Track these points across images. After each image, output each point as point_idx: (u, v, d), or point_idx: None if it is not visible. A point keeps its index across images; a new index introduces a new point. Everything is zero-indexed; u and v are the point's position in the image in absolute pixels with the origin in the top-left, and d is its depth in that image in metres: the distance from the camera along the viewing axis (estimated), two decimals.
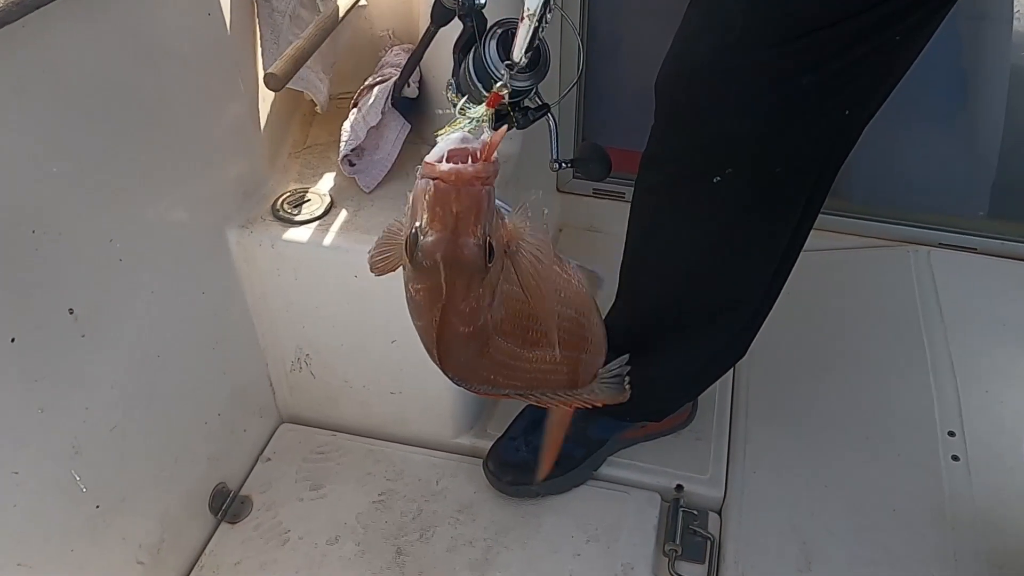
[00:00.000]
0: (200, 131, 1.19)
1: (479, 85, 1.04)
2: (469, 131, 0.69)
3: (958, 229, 1.71)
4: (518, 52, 0.72)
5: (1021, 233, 1.69)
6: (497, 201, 0.71)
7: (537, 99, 1.08)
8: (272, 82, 0.96)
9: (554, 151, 1.12)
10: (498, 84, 0.71)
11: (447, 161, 0.65)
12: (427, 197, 0.64)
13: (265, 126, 1.33)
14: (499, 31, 1.03)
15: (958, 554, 1.25)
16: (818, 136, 0.97)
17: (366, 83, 1.37)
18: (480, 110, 0.68)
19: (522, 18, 0.71)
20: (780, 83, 0.91)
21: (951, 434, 1.40)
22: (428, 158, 0.65)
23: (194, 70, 1.16)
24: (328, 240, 1.25)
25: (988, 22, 1.59)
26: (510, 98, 1.07)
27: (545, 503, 1.32)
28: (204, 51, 1.17)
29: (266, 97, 1.32)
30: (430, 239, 0.64)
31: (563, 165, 1.10)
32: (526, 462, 1.32)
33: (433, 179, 0.64)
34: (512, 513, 1.31)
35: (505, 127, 0.66)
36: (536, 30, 0.71)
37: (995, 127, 1.65)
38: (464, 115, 0.70)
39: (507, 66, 1.01)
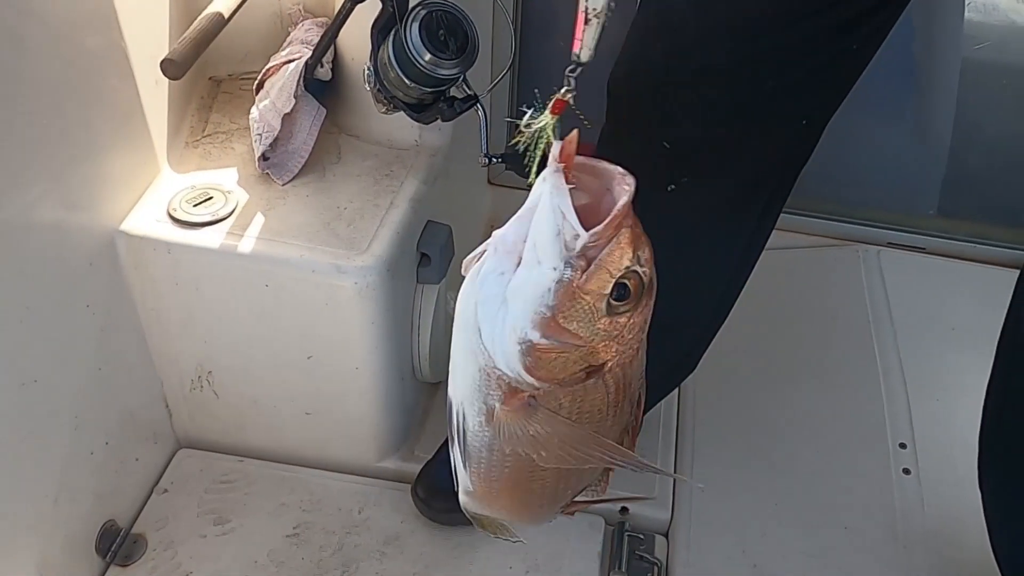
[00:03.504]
0: (79, 116, 1.12)
1: (400, 72, 1.02)
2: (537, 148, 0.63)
3: (907, 228, 1.78)
4: (587, 53, 0.68)
5: (969, 232, 1.77)
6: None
7: (465, 88, 1.07)
8: (171, 69, 0.90)
9: (484, 144, 1.10)
10: (563, 90, 0.67)
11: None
12: (617, 241, 0.58)
13: (157, 112, 1.26)
14: (422, 13, 1.00)
15: (910, 571, 1.31)
16: (776, 146, 0.99)
17: (271, 63, 1.32)
18: (544, 121, 0.64)
19: (587, 19, 0.67)
20: (736, 89, 0.92)
21: (902, 446, 1.46)
22: (578, 233, 0.57)
23: (70, 43, 1.08)
24: (235, 245, 1.19)
25: (940, 12, 1.66)
26: (435, 87, 1.05)
27: (480, 532, 1.30)
28: (84, 21, 1.10)
29: (159, 79, 1.25)
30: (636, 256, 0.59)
31: (493, 160, 1.08)
32: None
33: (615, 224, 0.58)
34: (444, 544, 1.29)
35: (577, 131, 0.62)
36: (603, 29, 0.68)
37: (946, 122, 1.72)
38: (526, 132, 0.64)
39: (435, 55, 0.99)
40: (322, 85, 1.34)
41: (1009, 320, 1.07)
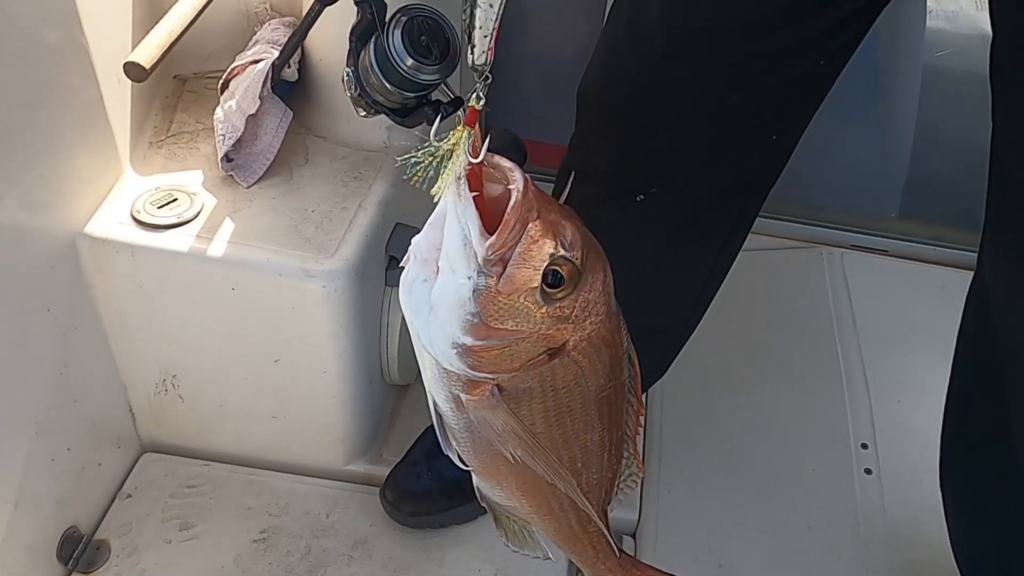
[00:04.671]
0: (39, 115, 1.09)
1: (382, 78, 1.02)
2: (446, 163, 0.62)
3: (870, 231, 1.81)
4: (479, 52, 0.67)
5: (930, 235, 1.81)
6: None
7: (448, 92, 1.07)
8: (134, 72, 0.89)
9: (467, 145, 1.11)
10: (471, 97, 0.66)
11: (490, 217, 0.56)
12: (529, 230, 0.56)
13: (120, 111, 1.24)
14: (404, 19, 1.00)
15: (872, 569, 1.33)
16: (746, 159, 1.00)
17: (237, 62, 1.30)
18: (456, 137, 0.62)
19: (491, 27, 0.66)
20: (704, 102, 0.93)
21: (864, 446, 1.48)
22: (478, 239, 0.56)
23: (29, 39, 1.06)
24: (200, 248, 1.18)
25: (902, 19, 1.68)
26: (417, 92, 1.05)
27: (449, 535, 1.30)
28: (43, 16, 1.08)
29: (122, 77, 1.23)
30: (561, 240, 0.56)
31: None
32: (429, 491, 1.30)
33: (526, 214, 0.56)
34: (413, 547, 1.29)
35: (477, 130, 0.61)
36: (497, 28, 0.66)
37: (907, 127, 1.75)
38: (436, 152, 0.63)
39: (418, 60, 0.98)
40: (289, 86, 1.33)
41: (966, 321, 1.09)
